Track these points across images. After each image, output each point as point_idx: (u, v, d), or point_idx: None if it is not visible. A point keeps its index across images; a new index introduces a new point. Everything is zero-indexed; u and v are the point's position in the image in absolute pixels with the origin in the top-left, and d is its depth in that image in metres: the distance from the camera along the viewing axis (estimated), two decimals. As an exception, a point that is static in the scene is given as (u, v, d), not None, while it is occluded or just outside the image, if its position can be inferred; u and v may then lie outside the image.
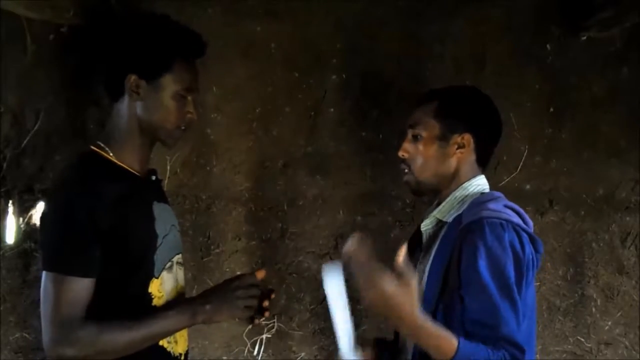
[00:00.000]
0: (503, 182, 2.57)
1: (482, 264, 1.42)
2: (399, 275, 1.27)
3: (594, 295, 2.68)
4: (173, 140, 1.59)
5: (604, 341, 2.68)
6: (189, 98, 1.57)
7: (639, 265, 2.70)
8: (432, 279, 1.52)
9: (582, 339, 2.67)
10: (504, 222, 1.46)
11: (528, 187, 2.65)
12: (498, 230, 1.45)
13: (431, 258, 1.55)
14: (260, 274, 1.61)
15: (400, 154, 1.63)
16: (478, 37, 2.64)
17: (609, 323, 2.68)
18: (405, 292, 1.27)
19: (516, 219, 1.51)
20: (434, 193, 1.66)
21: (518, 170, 2.62)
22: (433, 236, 1.62)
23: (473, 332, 1.40)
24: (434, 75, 2.60)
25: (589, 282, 2.69)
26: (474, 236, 1.44)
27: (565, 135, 2.67)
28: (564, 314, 2.67)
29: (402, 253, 1.29)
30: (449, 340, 1.34)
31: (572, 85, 2.67)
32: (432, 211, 1.64)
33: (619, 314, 2.68)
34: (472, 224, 1.47)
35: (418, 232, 1.67)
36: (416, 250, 1.67)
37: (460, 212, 1.55)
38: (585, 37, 2.62)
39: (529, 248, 1.49)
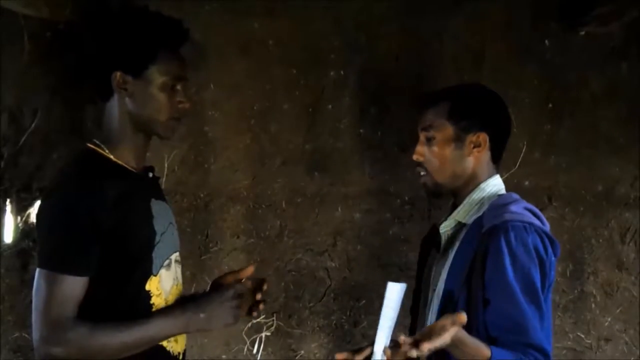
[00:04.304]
0: (502, 179, 2.55)
1: (509, 269, 1.43)
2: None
3: (594, 292, 2.68)
4: (168, 132, 1.58)
5: (604, 337, 2.68)
6: (179, 87, 1.55)
7: (638, 261, 2.70)
8: (451, 280, 1.52)
9: (582, 335, 2.67)
10: (527, 225, 1.48)
11: (527, 183, 2.65)
12: (522, 234, 1.46)
13: (450, 259, 1.56)
14: (250, 271, 1.62)
15: (415, 157, 1.63)
16: (477, 34, 2.63)
17: (609, 319, 2.68)
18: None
19: (536, 221, 1.52)
20: (451, 194, 1.66)
21: (517, 166, 2.61)
22: (452, 238, 1.62)
23: (499, 337, 1.41)
24: (432, 72, 2.59)
25: (588, 278, 2.68)
26: (499, 240, 1.45)
27: (564, 132, 2.67)
28: (563, 311, 2.67)
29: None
30: (483, 350, 1.36)
31: (571, 81, 2.66)
32: (449, 213, 1.65)
33: (618, 310, 2.68)
34: (495, 228, 1.47)
35: (432, 232, 1.68)
36: (432, 251, 1.67)
37: (479, 214, 1.55)
38: (584, 33, 2.61)
39: (550, 250, 1.50)
